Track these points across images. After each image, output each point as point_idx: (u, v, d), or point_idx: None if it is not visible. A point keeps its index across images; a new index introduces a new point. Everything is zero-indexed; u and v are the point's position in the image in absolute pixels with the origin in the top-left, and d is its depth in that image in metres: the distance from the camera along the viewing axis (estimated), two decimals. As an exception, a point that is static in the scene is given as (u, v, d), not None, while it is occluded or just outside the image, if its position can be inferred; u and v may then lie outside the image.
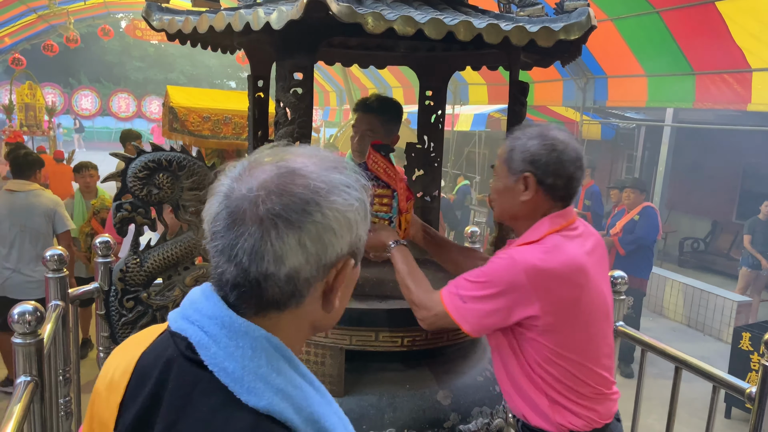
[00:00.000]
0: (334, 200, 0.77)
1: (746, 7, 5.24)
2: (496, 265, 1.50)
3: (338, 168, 0.81)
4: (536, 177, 1.53)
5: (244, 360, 0.74)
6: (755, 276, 7.18)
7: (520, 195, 1.56)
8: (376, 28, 1.38)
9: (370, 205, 0.88)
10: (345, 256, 0.81)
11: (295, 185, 0.76)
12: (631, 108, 10.00)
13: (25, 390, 1.63)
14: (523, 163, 1.54)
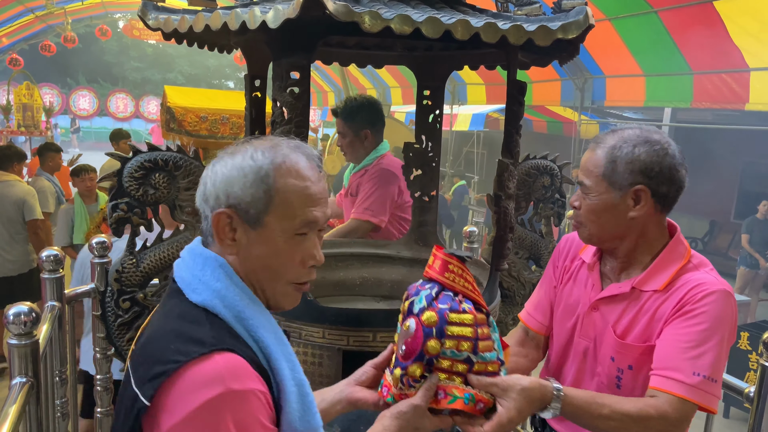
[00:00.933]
0: (231, 159, 1.04)
1: (744, 6, 5.25)
2: (712, 308, 1.31)
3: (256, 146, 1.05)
4: (650, 188, 1.37)
5: (194, 270, 1.04)
6: (753, 275, 7.19)
7: (628, 211, 1.39)
8: (372, 26, 1.37)
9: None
10: (222, 205, 1.02)
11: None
12: (630, 108, 10.01)
13: (21, 391, 1.62)
14: (632, 174, 1.36)
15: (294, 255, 1.06)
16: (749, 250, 7.13)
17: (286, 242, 1.04)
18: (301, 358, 1.74)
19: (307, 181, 1.04)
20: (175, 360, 0.91)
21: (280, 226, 1.03)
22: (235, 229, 1.03)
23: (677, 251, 1.43)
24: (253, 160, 1.02)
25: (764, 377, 1.74)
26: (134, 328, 1.91)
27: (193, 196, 1.87)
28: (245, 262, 1.05)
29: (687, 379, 1.27)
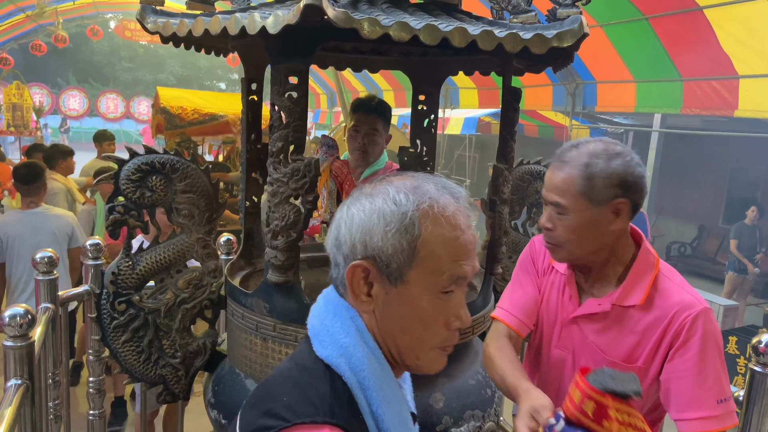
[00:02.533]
0: (370, 202, 0.91)
1: (734, 14, 5.31)
2: (703, 333, 1.33)
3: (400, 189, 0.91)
4: (630, 200, 1.37)
5: (324, 318, 0.95)
6: (741, 280, 7.26)
7: (609, 225, 1.38)
8: (371, 33, 1.39)
9: None
10: (358, 255, 0.90)
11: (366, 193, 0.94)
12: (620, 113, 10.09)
13: (16, 393, 1.62)
14: (612, 188, 1.35)
15: (438, 316, 0.92)
16: (737, 255, 7.21)
17: (430, 301, 0.90)
18: (297, 361, 1.75)
19: (457, 230, 0.90)
20: (284, 418, 0.84)
21: (425, 283, 0.90)
22: (371, 283, 0.91)
23: (648, 261, 1.45)
24: (396, 205, 0.88)
25: (753, 381, 1.76)
26: (129, 331, 1.91)
27: (189, 199, 1.88)
28: (381, 321, 0.92)
29: (713, 411, 1.31)
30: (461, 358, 1.98)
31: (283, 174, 1.66)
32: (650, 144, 8.87)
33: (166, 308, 1.92)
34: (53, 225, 3.97)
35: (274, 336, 1.77)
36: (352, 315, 0.93)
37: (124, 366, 1.94)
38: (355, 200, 0.92)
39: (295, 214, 1.67)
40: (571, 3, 1.67)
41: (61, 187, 5.41)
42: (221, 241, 2.77)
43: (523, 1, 1.76)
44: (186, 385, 2.02)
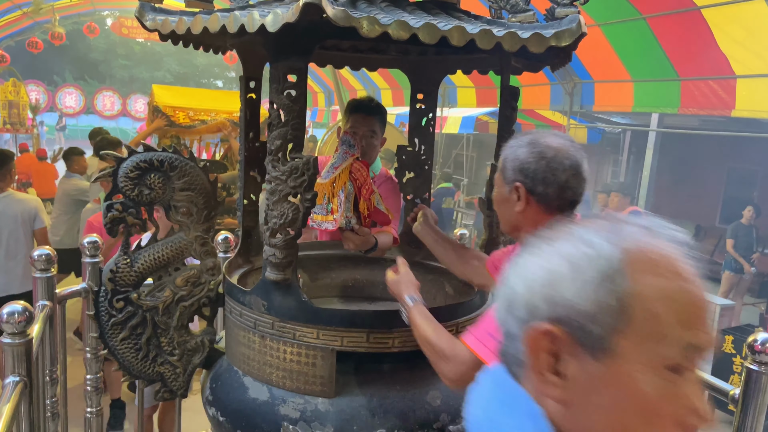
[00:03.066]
0: (551, 246, 0.69)
1: (731, 14, 5.33)
2: None
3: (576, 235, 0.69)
4: (526, 186, 1.48)
5: (490, 408, 0.71)
6: (738, 280, 7.29)
7: (514, 205, 1.52)
8: (371, 32, 1.39)
9: None
10: (542, 317, 0.66)
11: None
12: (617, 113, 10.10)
13: (15, 390, 1.62)
14: (514, 172, 1.50)
15: (665, 406, 0.63)
16: (734, 254, 7.23)
17: (653, 384, 0.63)
18: (295, 359, 1.75)
19: (685, 282, 0.65)
20: None
21: (644, 356, 0.63)
22: (562, 357, 0.66)
23: None
24: (591, 248, 0.65)
25: (749, 380, 1.77)
26: (127, 328, 1.91)
27: (188, 196, 1.88)
28: (577, 415, 0.65)
29: (469, 336, 1.45)
30: (459, 356, 1.99)
31: (282, 172, 1.66)
32: (647, 143, 8.88)
33: (164, 306, 1.92)
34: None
35: (272, 333, 1.77)
36: (533, 412, 0.67)
37: (122, 363, 1.94)
38: (529, 247, 0.72)
39: (293, 212, 1.68)
40: (569, 2, 1.67)
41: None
42: (218, 239, 2.77)
43: (521, 1, 1.77)
44: (184, 383, 2.02)
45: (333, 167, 2.03)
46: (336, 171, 2.02)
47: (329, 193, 2.00)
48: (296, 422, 1.71)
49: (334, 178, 2.01)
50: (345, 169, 2.01)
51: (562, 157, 1.46)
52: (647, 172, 8.81)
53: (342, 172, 1.99)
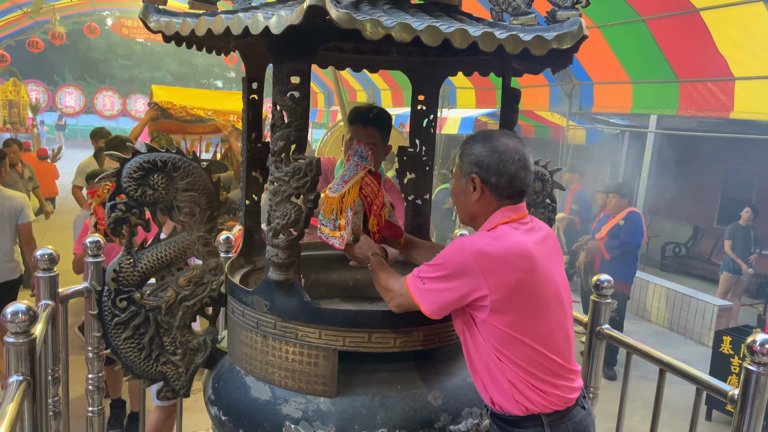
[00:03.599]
0: None
1: (730, 16, 5.34)
2: (449, 249, 1.63)
3: None
4: (481, 177, 1.66)
5: None
6: (735, 281, 7.31)
7: (471, 195, 1.70)
8: (374, 34, 1.40)
9: None
10: None
11: None
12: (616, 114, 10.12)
13: (18, 389, 1.63)
14: (470, 165, 1.68)
15: None
16: (732, 255, 7.25)
17: None
18: (297, 359, 1.76)
19: None
20: None
21: None
22: None
23: (488, 224, 1.69)
24: None
25: (748, 381, 1.79)
26: (130, 328, 1.92)
27: (191, 197, 1.89)
28: None
29: (411, 273, 1.69)
30: (458, 357, 2.00)
31: (285, 173, 1.68)
32: (646, 145, 8.90)
33: (167, 305, 1.93)
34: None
35: (274, 333, 1.78)
36: None
37: (124, 363, 1.95)
38: None
39: (296, 213, 1.69)
40: (570, 5, 1.68)
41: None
42: (220, 239, 2.78)
43: (523, 3, 1.78)
44: (186, 382, 2.03)
45: (343, 180, 1.94)
46: (346, 186, 1.92)
47: (337, 209, 1.92)
48: (298, 422, 1.72)
49: (344, 193, 1.91)
50: (355, 184, 1.93)
51: (512, 152, 1.66)
52: (646, 173, 8.83)
53: (352, 187, 1.92)
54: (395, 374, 1.84)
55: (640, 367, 4.73)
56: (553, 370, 1.64)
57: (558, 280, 1.69)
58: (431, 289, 1.62)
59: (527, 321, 1.61)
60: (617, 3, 6.10)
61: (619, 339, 2.41)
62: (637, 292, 7.60)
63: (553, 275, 1.67)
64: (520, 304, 1.60)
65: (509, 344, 1.60)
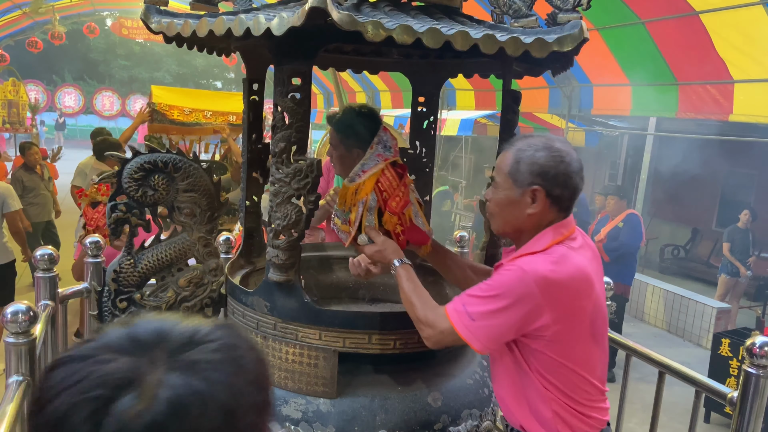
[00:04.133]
0: None
1: (729, 19, 5.35)
2: (506, 277, 1.46)
3: None
4: (545, 189, 1.50)
5: None
6: (734, 283, 7.32)
7: (526, 208, 1.53)
8: (375, 36, 1.40)
9: None
10: None
11: None
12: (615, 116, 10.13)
13: (18, 389, 1.63)
14: (531, 175, 1.50)
15: None
16: (730, 258, 7.25)
17: None
18: (297, 360, 1.77)
19: None
20: None
21: None
22: None
23: (533, 248, 1.53)
24: None
25: (747, 383, 1.79)
26: (130, 328, 1.92)
27: (191, 198, 1.90)
28: None
29: (453, 304, 1.53)
30: (459, 358, 2.01)
31: (286, 174, 1.68)
32: (645, 147, 8.91)
33: (166, 306, 1.94)
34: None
35: (274, 334, 1.78)
36: None
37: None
38: None
39: (296, 214, 1.69)
40: (571, 8, 1.69)
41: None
42: (220, 240, 2.78)
43: (524, 6, 1.78)
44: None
45: (361, 170, 1.79)
46: (362, 177, 1.77)
47: (350, 201, 1.79)
48: (298, 423, 1.72)
49: (358, 185, 1.77)
50: (372, 176, 1.75)
51: (575, 162, 1.53)
52: (644, 175, 8.84)
53: (368, 179, 1.75)
54: (395, 375, 1.84)
55: (638, 370, 4.73)
56: (592, 393, 1.57)
57: (603, 300, 1.60)
58: (486, 326, 1.46)
59: (578, 347, 1.51)
60: (617, 5, 6.11)
61: (619, 341, 2.41)
62: (635, 294, 7.60)
63: (602, 297, 1.58)
64: (578, 331, 1.50)
65: (557, 372, 1.50)
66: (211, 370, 0.57)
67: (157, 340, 0.58)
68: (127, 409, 0.52)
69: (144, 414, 0.52)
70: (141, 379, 0.54)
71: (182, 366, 0.56)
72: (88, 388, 0.53)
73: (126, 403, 0.52)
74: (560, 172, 1.50)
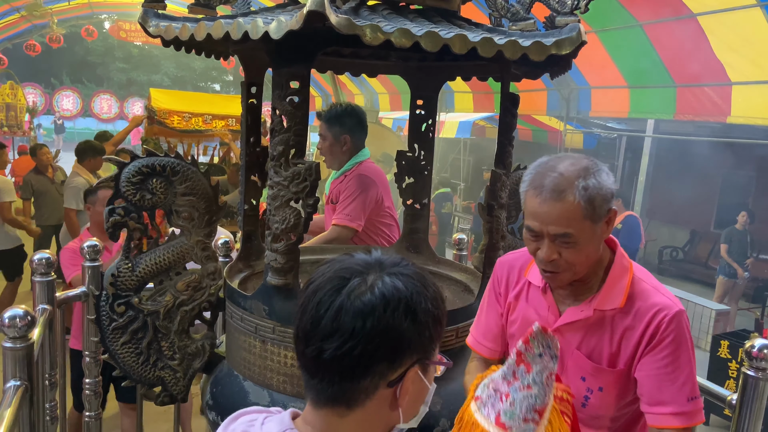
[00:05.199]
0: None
1: (727, 22, 5.36)
2: (680, 333, 1.39)
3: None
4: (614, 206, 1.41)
5: None
6: (732, 285, 7.32)
7: (604, 236, 1.41)
8: (374, 40, 1.40)
9: None
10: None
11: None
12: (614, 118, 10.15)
13: (16, 394, 1.62)
14: (607, 203, 1.36)
15: None
16: (728, 259, 7.26)
17: None
18: (296, 364, 1.76)
19: None
20: None
21: None
22: None
23: (623, 265, 1.48)
24: None
25: (746, 385, 1.79)
26: (128, 332, 1.91)
27: (189, 201, 1.89)
28: None
29: (683, 408, 1.37)
30: (459, 361, 2.00)
31: (284, 177, 1.68)
32: (643, 149, 8.93)
33: (165, 310, 1.93)
34: None
35: (273, 338, 1.78)
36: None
37: (122, 368, 1.95)
38: None
39: (295, 218, 1.69)
40: (569, 11, 1.69)
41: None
42: (218, 243, 2.77)
43: (522, 9, 1.78)
44: (184, 387, 2.02)
45: (532, 409, 1.13)
46: (542, 419, 1.14)
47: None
48: (297, 427, 1.71)
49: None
50: (554, 409, 1.19)
51: None
52: (643, 177, 8.86)
53: (553, 416, 1.18)
54: (394, 379, 1.83)
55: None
56: None
57: None
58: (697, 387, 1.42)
59: None
60: (615, 8, 6.12)
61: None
62: (634, 296, 7.58)
63: None
64: None
65: None
66: (406, 279, 0.89)
67: (377, 261, 0.91)
68: (355, 287, 0.87)
69: (364, 293, 0.86)
70: (366, 274, 0.88)
71: (390, 273, 0.89)
72: (336, 272, 0.90)
73: (355, 284, 0.87)
74: (611, 185, 1.38)
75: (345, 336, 0.84)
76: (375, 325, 0.84)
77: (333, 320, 0.85)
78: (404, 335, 0.86)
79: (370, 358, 0.85)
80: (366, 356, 0.84)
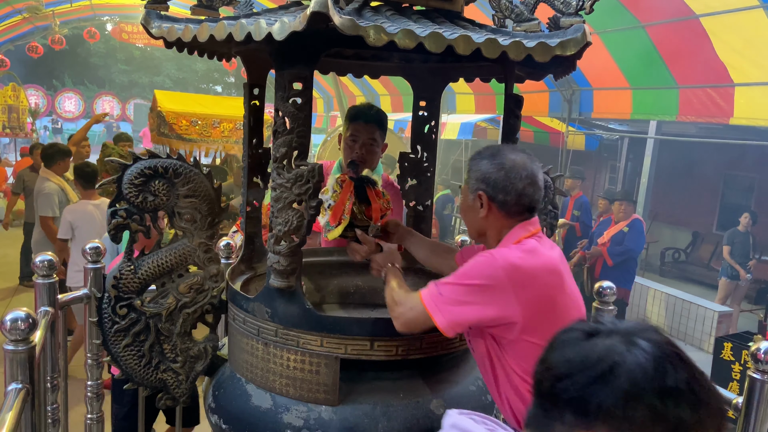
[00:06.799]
0: None
1: (730, 23, 5.35)
2: (476, 261, 1.56)
3: None
4: (488, 194, 1.62)
5: None
6: (734, 286, 7.30)
7: (478, 212, 1.65)
8: (377, 41, 1.40)
9: None
10: None
11: None
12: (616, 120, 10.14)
13: (17, 397, 1.61)
14: (477, 181, 1.64)
15: None
16: (730, 261, 7.24)
17: None
18: (299, 366, 1.75)
19: None
20: None
21: None
22: None
23: (508, 240, 1.63)
24: None
25: (752, 388, 1.77)
26: (130, 335, 1.91)
27: (192, 203, 1.88)
28: None
29: (427, 286, 1.61)
30: (461, 365, 1.99)
31: (287, 179, 1.67)
32: (645, 150, 8.91)
33: (167, 312, 1.92)
34: None
35: (275, 341, 1.77)
36: None
37: (124, 370, 1.94)
38: None
39: (298, 220, 1.68)
40: (573, 12, 1.68)
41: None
42: (221, 246, 2.77)
43: (526, 10, 1.77)
44: (186, 390, 2.02)
45: None
46: None
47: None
48: (299, 430, 1.70)
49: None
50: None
51: (519, 168, 1.61)
52: (645, 179, 8.85)
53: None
54: (397, 382, 1.83)
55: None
56: None
57: (579, 297, 1.67)
58: (451, 299, 1.54)
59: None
60: (617, 9, 6.11)
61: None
62: (636, 298, 7.58)
63: (576, 293, 1.65)
64: (550, 321, 1.50)
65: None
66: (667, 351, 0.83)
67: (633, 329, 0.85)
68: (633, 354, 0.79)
69: (645, 360, 0.79)
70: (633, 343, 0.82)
71: (646, 339, 0.82)
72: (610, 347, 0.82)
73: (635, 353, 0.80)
74: (500, 179, 1.60)
75: None
76: None
77: None
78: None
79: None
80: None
